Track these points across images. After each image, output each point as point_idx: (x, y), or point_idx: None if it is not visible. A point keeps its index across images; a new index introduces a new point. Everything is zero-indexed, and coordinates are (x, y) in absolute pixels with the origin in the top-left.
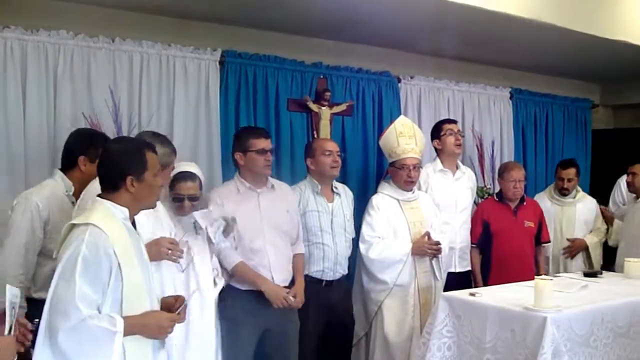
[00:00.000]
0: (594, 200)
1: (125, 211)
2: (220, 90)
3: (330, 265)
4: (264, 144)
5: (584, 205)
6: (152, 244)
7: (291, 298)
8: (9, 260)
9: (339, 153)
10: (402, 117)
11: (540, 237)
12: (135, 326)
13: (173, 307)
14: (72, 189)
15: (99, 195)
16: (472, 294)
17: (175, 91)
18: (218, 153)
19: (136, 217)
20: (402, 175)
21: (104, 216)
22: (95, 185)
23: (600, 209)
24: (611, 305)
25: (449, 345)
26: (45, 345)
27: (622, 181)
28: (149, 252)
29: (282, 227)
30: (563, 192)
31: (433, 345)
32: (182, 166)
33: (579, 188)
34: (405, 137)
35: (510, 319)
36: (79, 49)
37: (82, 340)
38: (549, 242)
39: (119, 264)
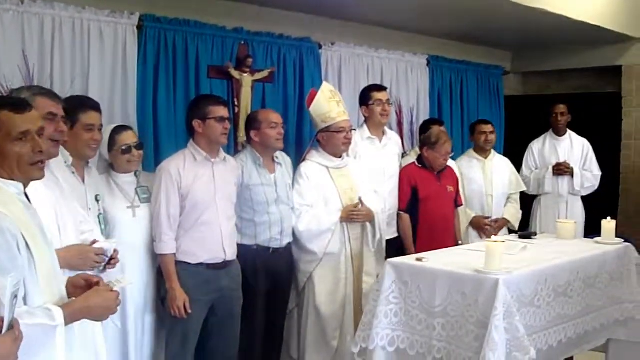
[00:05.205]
0: (508, 160)
1: (19, 186)
2: (138, 56)
3: (276, 233)
4: (223, 111)
5: (501, 161)
6: (74, 252)
7: (189, 311)
8: None
9: (283, 125)
10: (326, 83)
11: (457, 201)
12: (79, 311)
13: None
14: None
15: None
16: (419, 259)
17: (90, 57)
18: (135, 122)
19: (35, 189)
20: (340, 138)
21: None
22: None
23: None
24: (553, 266)
25: (395, 312)
26: None
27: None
28: (68, 259)
29: (232, 200)
30: (486, 146)
31: (380, 312)
32: (111, 125)
33: None
34: (335, 101)
35: (461, 282)
36: None
37: None
38: (462, 205)
39: (27, 246)
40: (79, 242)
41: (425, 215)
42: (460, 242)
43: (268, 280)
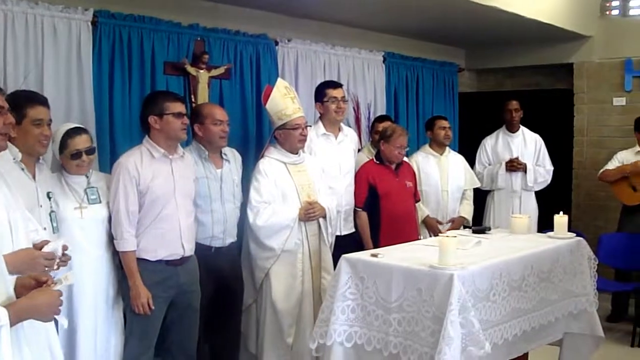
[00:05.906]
0: (462, 157)
1: None
2: (93, 53)
3: (219, 232)
4: (180, 107)
5: (456, 157)
6: (22, 257)
7: (152, 307)
8: None
9: (228, 123)
10: (280, 79)
11: (415, 195)
12: (25, 311)
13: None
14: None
15: None
16: (374, 255)
17: (44, 54)
18: (92, 120)
19: None
20: (296, 135)
21: None
22: None
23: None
24: (507, 260)
25: (352, 308)
26: None
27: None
28: (16, 265)
29: (191, 196)
30: (446, 141)
31: (337, 308)
32: (66, 125)
33: None
34: (289, 98)
35: (416, 277)
36: None
37: None
38: (419, 200)
39: None
40: (28, 242)
41: (386, 212)
42: (420, 237)
43: (210, 279)
